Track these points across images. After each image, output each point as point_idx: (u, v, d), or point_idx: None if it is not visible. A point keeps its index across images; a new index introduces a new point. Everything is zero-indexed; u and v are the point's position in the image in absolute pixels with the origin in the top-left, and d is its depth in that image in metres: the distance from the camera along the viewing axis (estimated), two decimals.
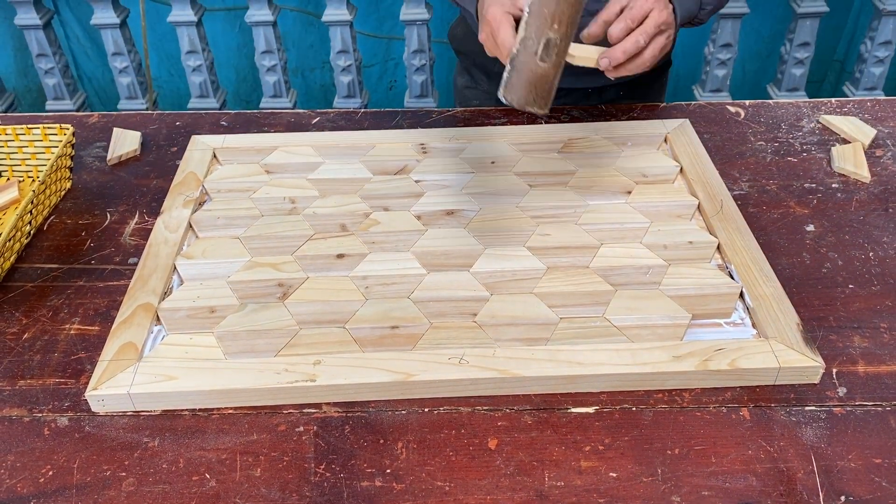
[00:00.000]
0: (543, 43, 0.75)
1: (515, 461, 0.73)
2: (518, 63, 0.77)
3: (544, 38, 0.75)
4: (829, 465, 0.72)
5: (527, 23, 0.76)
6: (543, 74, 0.77)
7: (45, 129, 1.09)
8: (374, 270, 0.90)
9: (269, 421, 0.78)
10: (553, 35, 0.75)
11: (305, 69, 2.53)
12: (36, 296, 0.93)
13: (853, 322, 0.86)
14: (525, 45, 0.76)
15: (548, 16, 0.74)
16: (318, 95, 2.64)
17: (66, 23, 2.39)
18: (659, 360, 0.79)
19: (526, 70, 0.77)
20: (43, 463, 0.74)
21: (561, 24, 0.75)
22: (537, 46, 0.76)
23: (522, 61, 0.77)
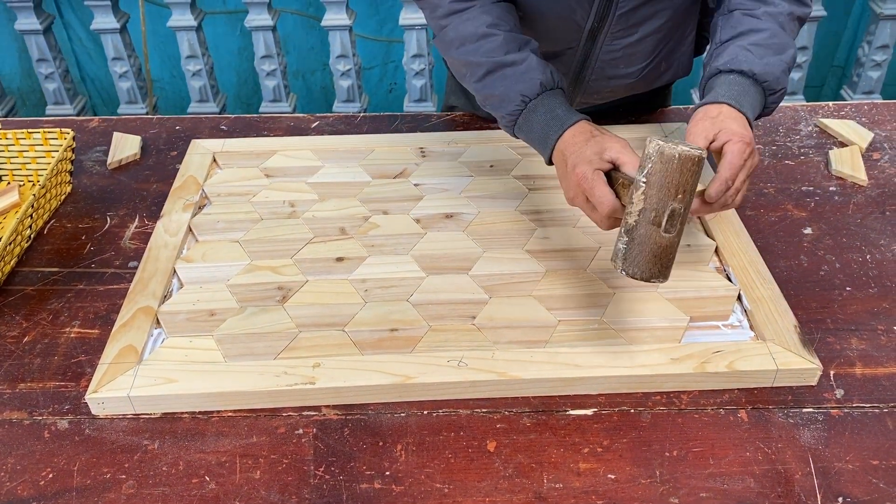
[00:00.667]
0: (668, 214, 0.70)
1: (514, 463, 0.73)
2: (638, 235, 0.71)
3: (668, 208, 0.70)
4: (827, 466, 0.72)
5: (645, 193, 0.70)
6: (669, 245, 0.72)
7: (45, 134, 1.10)
8: (373, 273, 0.91)
9: (268, 423, 0.78)
10: (677, 205, 0.70)
11: (306, 72, 2.53)
12: (36, 299, 0.93)
13: (850, 324, 0.87)
14: (646, 216, 0.70)
15: (671, 186, 0.69)
16: (319, 98, 2.65)
17: (70, 25, 2.40)
18: (657, 362, 0.79)
19: (650, 242, 0.71)
20: (43, 466, 0.75)
21: (685, 193, 0.70)
22: (662, 218, 0.70)
23: (644, 234, 0.71)
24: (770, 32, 0.88)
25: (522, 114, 0.87)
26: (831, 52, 2.46)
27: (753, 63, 0.87)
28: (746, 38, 0.89)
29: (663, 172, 0.69)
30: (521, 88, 0.86)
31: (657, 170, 0.70)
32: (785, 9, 0.90)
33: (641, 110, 1.23)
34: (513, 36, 0.89)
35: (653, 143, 0.70)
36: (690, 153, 0.69)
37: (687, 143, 0.73)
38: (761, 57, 0.87)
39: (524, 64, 0.87)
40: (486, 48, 0.88)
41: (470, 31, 0.88)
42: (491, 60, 0.87)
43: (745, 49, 0.88)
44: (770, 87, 0.87)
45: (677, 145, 0.69)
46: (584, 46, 1.01)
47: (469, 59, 0.89)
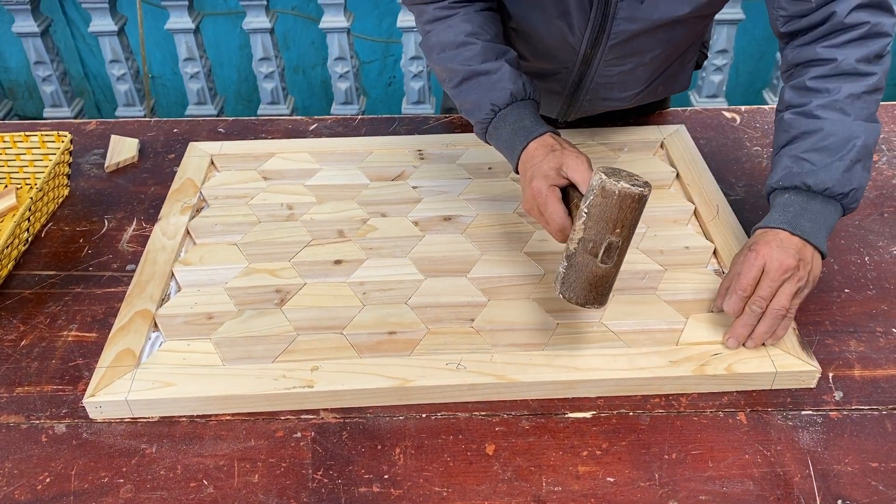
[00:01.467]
0: (605, 246, 0.72)
1: (513, 466, 0.73)
2: (576, 262, 0.74)
3: (605, 241, 0.72)
4: (826, 469, 0.72)
5: (585, 224, 0.72)
6: (604, 275, 0.74)
7: (42, 137, 1.10)
8: (371, 276, 0.91)
9: (266, 427, 0.78)
10: (615, 239, 0.72)
11: (307, 66, 2.53)
12: (34, 303, 0.93)
13: (849, 326, 0.87)
14: (584, 245, 0.73)
15: (610, 220, 0.71)
16: (320, 92, 2.65)
17: (73, 22, 2.40)
18: (656, 364, 0.79)
19: (586, 271, 0.73)
20: (41, 470, 0.74)
21: (623, 227, 0.71)
22: (598, 249, 0.72)
23: (581, 262, 0.73)
24: (826, 132, 0.82)
25: (492, 122, 0.89)
26: None
27: (807, 175, 0.82)
28: (799, 144, 0.84)
29: (603, 206, 0.71)
30: (492, 97, 0.88)
31: (597, 203, 0.71)
32: (841, 93, 0.83)
33: (639, 112, 1.23)
34: (491, 46, 0.90)
35: (597, 175, 0.71)
36: (630, 190, 0.70)
37: (635, 176, 0.73)
38: (818, 162, 0.82)
39: (497, 73, 0.88)
40: (463, 56, 0.90)
41: (450, 39, 0.90)
42: (467, 68, 0.89)
43: (798, 159, 0.83)
44: (832, 192, 0.81)
45: (620, 180, 0.70)
46: (578, 69, 1.01)
47: (448, 66, 0.91)
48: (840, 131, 0.82)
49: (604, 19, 0.92)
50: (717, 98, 2.29)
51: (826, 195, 0.82)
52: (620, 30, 0.92)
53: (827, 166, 0.81)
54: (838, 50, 0.84)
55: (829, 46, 0.84)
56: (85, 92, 2.53)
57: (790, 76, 0.89)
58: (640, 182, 0.71)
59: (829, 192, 0.82)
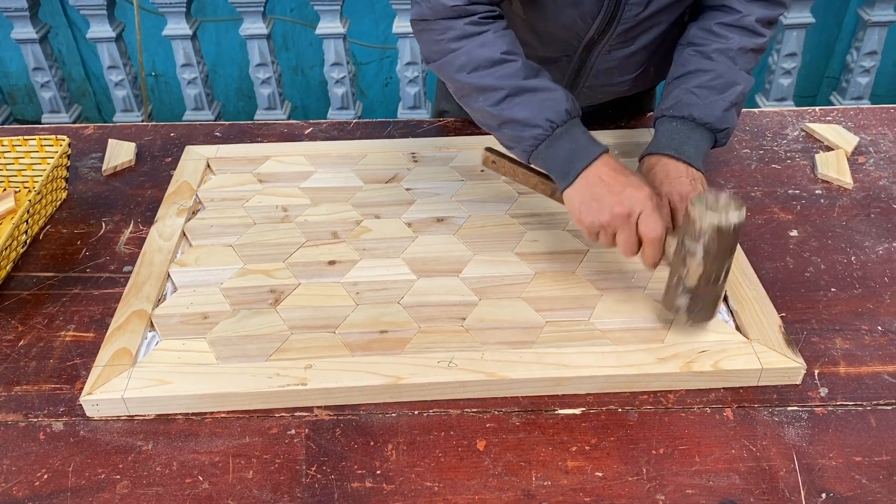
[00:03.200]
0: (725, 270, 0.78)
1: (503, 462, 0.74)
2: (701, 294, 0.79)
3: (726, 266, 0.78)
4: (811, 463, 0.74)
5: (705, 261, 0.76)
6: (719, 293, 0.81)
7: (41, 141, 1.11)
8: (364, 276, 0.92)
9: (261, 424, 0.79)
10: (730, 261, 0.78)
11: (305, 67, 2.54)
12: (32, 304, 0.94)
13: (835, 324, 0.88)
14: (707, 278, 0.77)
15: (729, 250, 0.76)
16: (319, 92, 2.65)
17: (75, 24, 2.41)
18: (644, 362, 0.81)
19: (712, 297, 0.80)
20: (38, 467, 0.75)
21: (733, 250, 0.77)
22: (721, 276, 0.78)
23: (706, 292, 0.79)
24: (715, 73, 0.92)
25: (547, 140, 0.85)
26: (824, 63, 2.48)
27: (694, 107, 0.92)
28: (692, 79, 0.94)
29: (721, 241, 0.74)
30: (546, 114, 0.85)
31: (714, 241, 0.74)
32: (735, 43, 0.94)
33: (631, 112, 1.25)
34: (528, 63, 0.88)
35: (705, 216, 0.73)
36: (741, 219, 0.73)
37: (719, 194, 0.75)
38: (704, 98, 0.91)
39: (547, 91, 0.86)
40: (504, 72, 0.86)
41: (485, 56, 0.87)
42: (513, 84, 0.86)
43: (688, 92, 0.93)
44: (713, 127, 0.92)
45: (724, 212, 0.73)
46: (579, 56, 1.03)
47: (484, 83, 0.87)
48: (727, 75, 0.93)
49: (616, 5, 0.94)
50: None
51: (707, 127, 0.92)
52: (631, 15, 0.95)
53: (711, 103, 0.92)
54: (746, 4, 0.94)
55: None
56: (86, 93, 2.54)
57: (701, 17, 0.98)
58: (735, 202, 0.74)
59: (710, 126, 0.92)
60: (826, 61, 2.48)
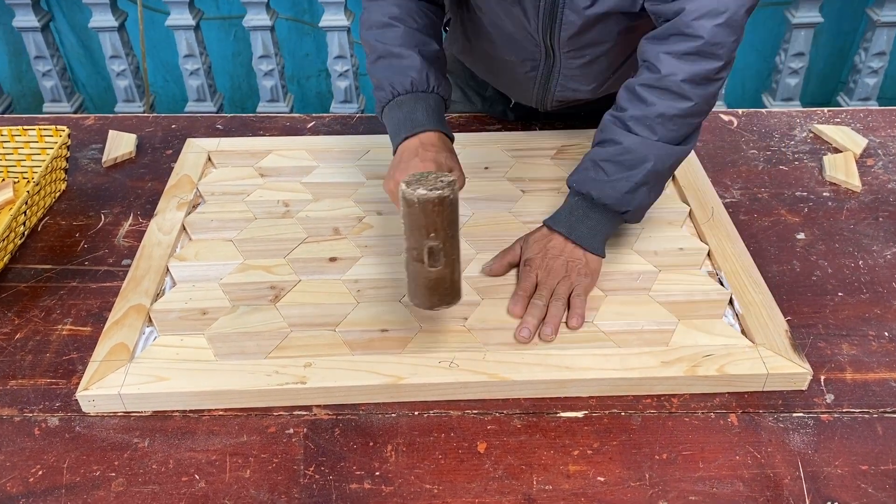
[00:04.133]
0: (427, 252, 0.73)
1: (504, 465, 0.73)
2: (411, 271, 0.75)
3: (425, 247, 0.72)
4: (816, 471, 0.73)
5: (405, 234, 0.74)
6: (439, 278, 0.75)
7: (40, 131, 1.10)
8: (366, 274, 0.91)
9: (259, 423, 0.78)
10: (434, 243, 0.72)
11: (301, 77, 2.53)
12: (29, 296, 0.93)
13: (842, 329, 0.87)
14: (410, 254, 0.74)
15: (421, 227, 0.72)
16: (315, 103, 2.65)
17: (61, 29, 2.39)
18: (647, 365, 0.79)
19: (421, 277, 0.75)
20: (33, 463, 0.74)
21: (437, 230, 0.72)
22: (423, 255, 0.73)
23: (414, 270, 0.75)
24: (625, 147, 0.84)
25: (388, 104, 0.92)
26: (838, 69, 2.45)
27: (595, 184, 0.86)
28: (604, 149, 0.86)
29: (410, 215, 0.72)
30: (393, 80, 0.91)
31: (406, 213, 0.72)
32: (655, 110, 0.83)
33: None
34: (413, 33, 0.93)
35: (401, 184, 0.72)
36: (428, 196, 0.70)
37: (442, 177, 0.72)
38: (611, 174, 0.85)
39: (407, 60, 0.91)
40: (385, 36, 0.93)
41: (377, 18, 0.94)
42: (383, 47, 0.92)
43: (596, 165, 0.86)
44: (612, 209, 0.86)
45: (420, 187, 0.70)
46: (545, 61, 1.01)
47: (369, 42, 0.94)
48: (637, 150, 0.84)
49: (553, 6, 0.92)
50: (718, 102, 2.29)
51: (606, 208, 0.86)
52: (570, 20, 0.92)
53: (613, 182, 0.85)
54: (672, 60, 0.82)
55: (668, 53, 0.82)
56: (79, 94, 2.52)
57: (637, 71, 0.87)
58: (444, 184, 0.71)
59: (609, 207, 0.86)
60: (840, 67, 2.45)
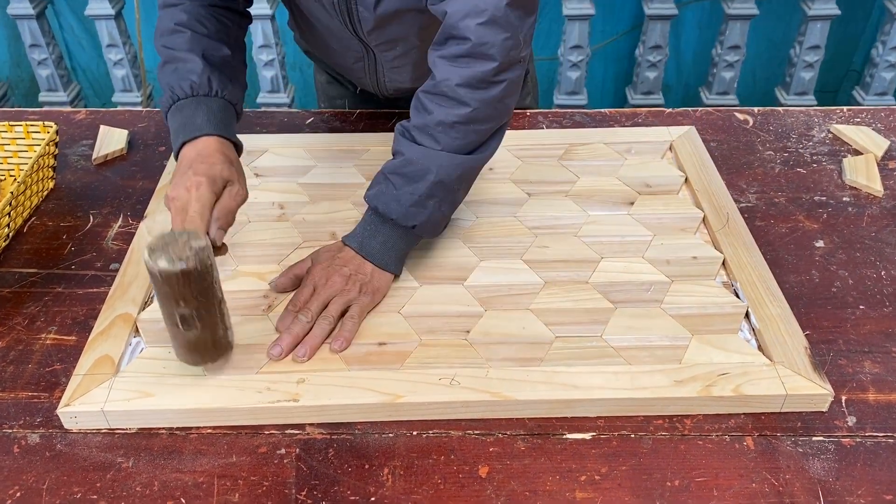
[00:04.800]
0: (179, 318, 0.71)
1: (507, 491, 0.69)
2: (170, 333, 0.74)
3: (177, 314, 0.71)
4: (838, 500, 0.68)
5: (158, 301, 0.72)
6: (198, 339, 0.73)
7: (27, 127, 1.06)
8: None
9: (249, 442, 0.74)
10: (185, 311, 0.70)
11: (303, 64, 2.48)
12: (12, 302, 0.89)
13: (864, 346, 0.83)
14: (166, 319, 0.73)
15: (168, 296, 0.70)
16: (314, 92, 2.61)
17: (60, 13, 2.34)
18: (659, 384, 0.75)
19: (180, 339, 0.73)
20: (11, 483, 0.71)
21: (187, 300, 0.70)
22: (176, 320, 0.71)
23: (172, 332, 0.73)
24: (407, 158, 0.82)
25: (171, 109, 0.88)
26: (848, 56, 2.39)
27: (381, 198, 0.83)
28: (392, 162, 0.84)
29: (156, 285, 0.69)
30: (173, 84, 0.87)
31: (152, 281, 0.70)
32: (434, 118, 0.80)
33: None
34: (199, 38, 0.89)
35: (144, 251, 0.69)
36: (170, 270, 0.67)
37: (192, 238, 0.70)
38: (398, 187, 0.82)
39: (189, 64, 0.87)
40: (172, 41, 0.90)
41: (165, 25, 0.91)
42: (168, 52, 0.89)
43: (385, 178, 0.84)
44: (399, 223, 0.83)
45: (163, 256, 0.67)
46: (368, 56, 1.01)
47: (158, 49, 0.92)
48: (420, 161, 0.81)
49: (346, 3, 0.91)
50: (728, 95, 2.24)
51: (395, 223, 0.83)
52: (364, 17, 0.92)
53: (398, 196, 0.82)
54: (446, 65, 0.79)
55: (442, 57, 0.80)
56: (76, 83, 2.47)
57: None
58: (191, 252, 0.68)
59: (396, 222, 0.83)
60: (850, 54, 2.39)
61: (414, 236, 0.86)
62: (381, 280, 0.84)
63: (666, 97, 2.36)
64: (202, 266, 0.69)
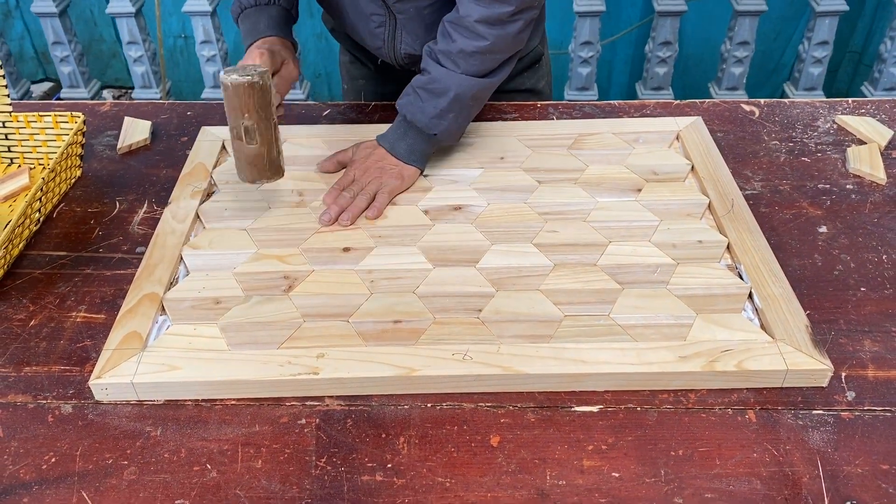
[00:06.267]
0: (243, 130, 0.86)
1: (517, 459, 0.73)
2: (234, 148, 0.88)
3: (241, 126, 0.86)
4: (836, 469, 0.71)
5: (227, 116, 0.87)
6: (256, 154, 0.88)
7: (56, 117, 1.10)
8: (379, 264, 0.90)
9: (271, 412, 0.78)
10: (248, 123, 0.85)
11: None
12: (43, 283, 0.93)
13: (864, 325, 0.85)
14: (231, 132, 0.87)
15: (236, 108, 0.85)
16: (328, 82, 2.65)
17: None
18: (665, 360, 0.78)
19: (241, 153, 0.88)
20: (46, 450, 0.75)
21: (252, 111, 0.85)
22: (241, 133, 0.86)
23: (236, 147, 0.88)
24: (433, 76, 0.97)
25: (240, 16, 1.05)
26: (846, 38, 2.42)
27: (410, 108, 1.00)
28: (421, 77, 1.00)
29: (227, 98, 0.85)
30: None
31: (225, 96, 0.86)
32: (457, 46, 0.95)
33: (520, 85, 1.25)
34: None
35: (221, 72, 0.86)
36: (240, 81, 0.83)
37: (255, 68, 0.85)
38: (424, 100, 0.98)
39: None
40: None
41: None
42: None
43: (414, 90, 1.00)
44: (423, 130, 1.00)
45: (234, 73, 0.84)
46: (388, 17, 1.08)
47: None
48: (443, 80, 0.97)
49: None
50: (738, 90, 2.26)
51: (419, 129, 1.00)
52: None
53: (422, 108, 0.99)
54: (469, 3, 0.93)
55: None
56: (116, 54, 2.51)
57: None
58: (256, 73, 0.84)
59: (420, 129, 1.00)
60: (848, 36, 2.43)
61: (435, 141, 1.02)
62: (407, 171, 1.01)
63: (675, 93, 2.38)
64: (264, 83, 0.84)
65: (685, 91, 2.54)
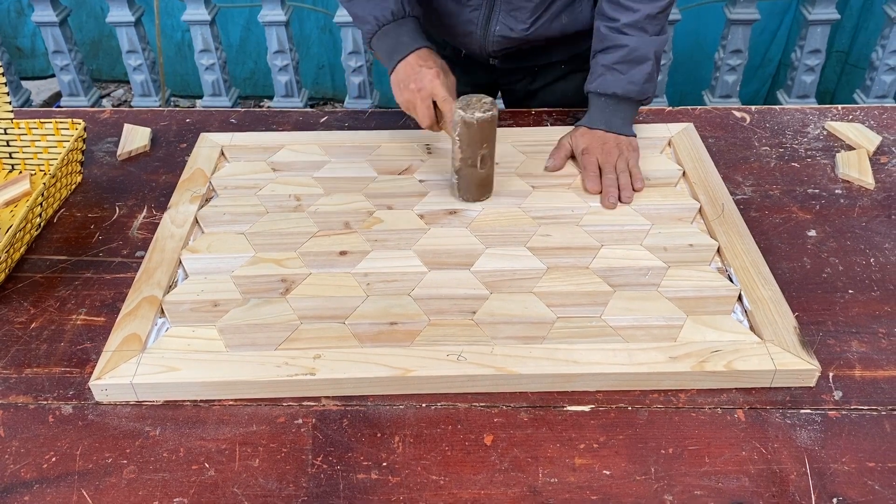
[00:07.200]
0: (480, 158, 0.97)
1: (510, 457, 0.74)
2: (464, 174, 0.99)
3: (479, 155, 0.96)
4: (823, 467, 0.73)
5: (460, 147, 0.96)
6: (486, 176, 1.00)
7: (57, 124, 1.11)
8: (375, 267, 0.91)
9: (268, 413, 0.79)
10: (485, 151, 0.97)
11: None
12: (44, 286, 0.94)
13: (852, 327, 0.87)
14: (465, 162, 0.97)
15: (477, 141, 0.95)
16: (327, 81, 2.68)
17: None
18: (655, 360, 0.80)
19: (473, 178, 0.99)
20: (46, 449, 0.76)
21: (488, 142, 0.96)
22: (476, 162, 0.97)
23: (468, 174, 0.99)
24: (630, 48, 1.04)
25: (376, 34, 1.06)
26: (832, 39, 2.45)
27: (617, 84, 1.06)
28: (612, 54, 1.06)
29: (469, 134, 0.95)
30: (375, 13, 1.05)
31: (464, 133, 0.95)
32: (642, 13, 1.04)
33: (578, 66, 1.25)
34: None
35: (456, 112, 0.94)
36: (483, 117, 0.93)
37: (483, 100, 0.95)
38: (626, 73, 1.05)
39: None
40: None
41: None
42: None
43: (610, 69, 1.06)
44: (636, 99, 1.07)
45: (475, 111, 0.93)
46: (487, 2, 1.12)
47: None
48: (641, 48, 1.05)
49: None
50: (731, 98, 2.28)
51: (630, 100, 1.07)
52: None
53: (630, 79, 1.06)
54: None
55: None
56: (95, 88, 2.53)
57: None
58: (489, 105, 0.94)
59: (633, 99, 1.07)
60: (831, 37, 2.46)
61: (638, 106, 1.10)
62: (632, 141, 1.08)
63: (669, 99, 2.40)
64: (496, 113, 0.95)
65: (680, 98, 2.56)
